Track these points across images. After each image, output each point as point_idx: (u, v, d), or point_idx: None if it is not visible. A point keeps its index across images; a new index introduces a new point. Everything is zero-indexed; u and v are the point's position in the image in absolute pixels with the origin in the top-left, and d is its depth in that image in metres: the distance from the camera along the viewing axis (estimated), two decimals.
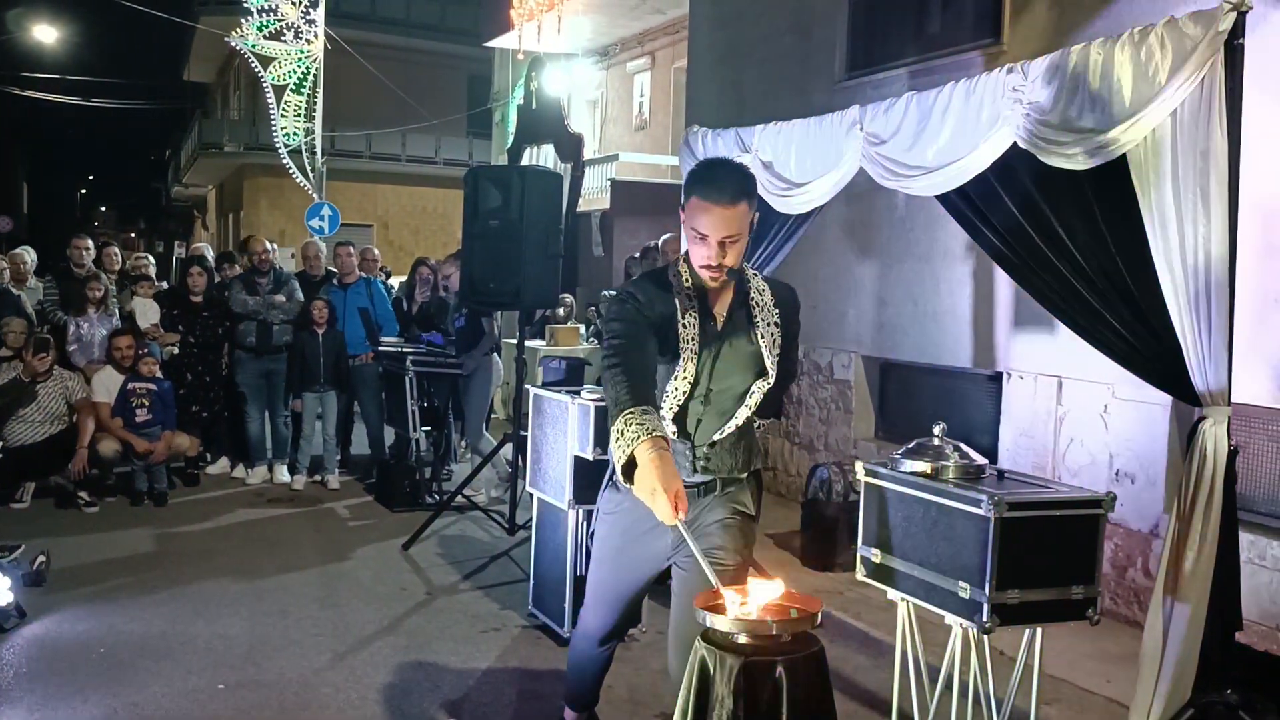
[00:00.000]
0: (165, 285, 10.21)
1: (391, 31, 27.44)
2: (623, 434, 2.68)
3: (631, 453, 2.65)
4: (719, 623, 2.52)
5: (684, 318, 3.02)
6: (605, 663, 3.60)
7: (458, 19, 28.09)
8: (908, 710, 3.71)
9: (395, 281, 11.69)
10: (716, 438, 3.11)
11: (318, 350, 8.36)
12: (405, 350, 8.29)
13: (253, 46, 18.09)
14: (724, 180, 2.92)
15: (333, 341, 8.44)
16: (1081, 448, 5.79)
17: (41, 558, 5.76)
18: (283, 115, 18.37)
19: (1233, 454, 3.40)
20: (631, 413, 2.69)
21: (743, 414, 3.11)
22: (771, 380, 3.09)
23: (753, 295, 3.10)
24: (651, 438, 2.65)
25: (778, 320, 3.10)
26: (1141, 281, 3.53)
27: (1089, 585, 3.33)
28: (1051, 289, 3.92)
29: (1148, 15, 3.77)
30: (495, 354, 8.51)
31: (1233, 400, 3.43)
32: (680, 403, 3.06)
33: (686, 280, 3.04)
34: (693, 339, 3.01)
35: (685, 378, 3.02)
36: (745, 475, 3.20)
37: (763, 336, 3.07)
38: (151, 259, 10.79)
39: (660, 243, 8.48)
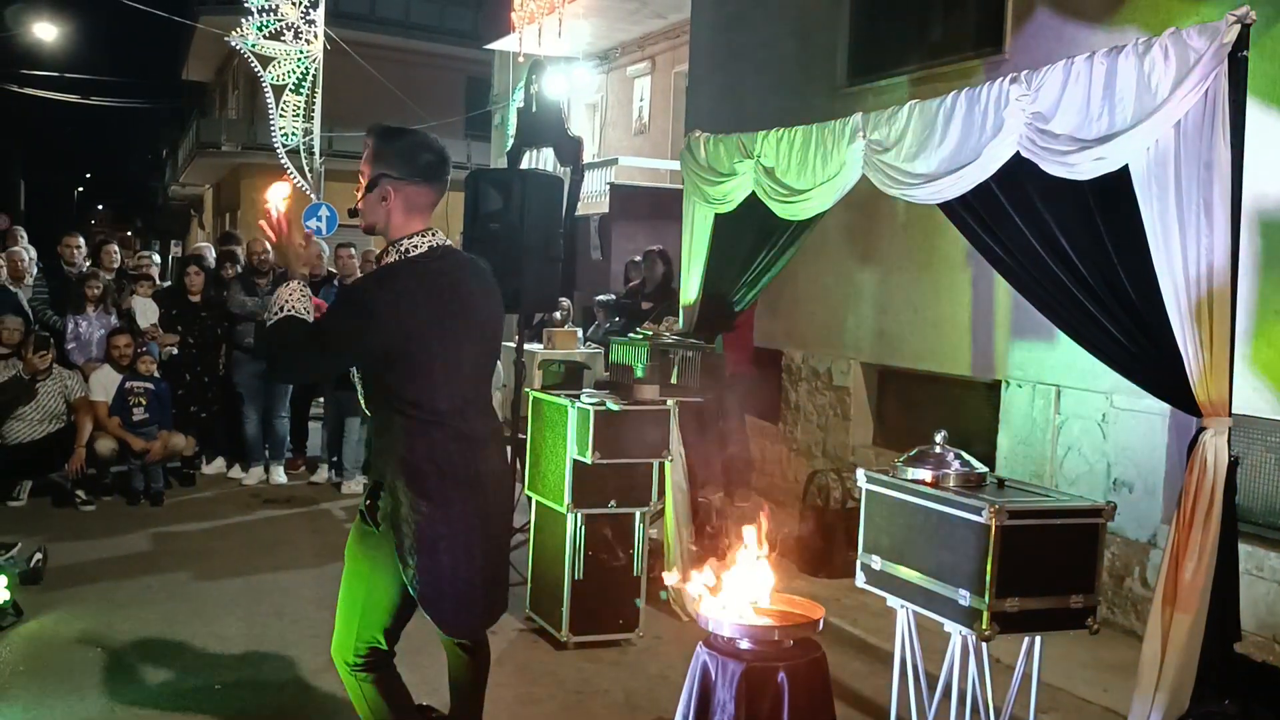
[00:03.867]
0: (166, 284, 10.19)
1: (391, 32, 27.42)
2: None
3: None
4: (723, 628, 2.53)
5: None
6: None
7: (457, 20, 28.10)
8: (906, 717, 3.71)
9: None
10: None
11: None
12: None
13: (252, 46, 18.06)
14: (373, 125, 3.07)
15: None
16: (1079, 456, 5.80)
17: (38, 555, 5.75)
18: (281, 115, 18.35)
19: (1233, 465, 3.41)
20: None
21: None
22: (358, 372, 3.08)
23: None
24: None
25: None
26: (1143, 291, 3.53)
27: (1088, 594, 3.34)
28: (1053, 298, 3.93)
29: (1151, 26, 3.78)
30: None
31: (1232, 411, 3.44)
32: None
33: None
34: None
35: None
36: (389, 491, 2.98)
37: None
38: (156, 258, 10.78)
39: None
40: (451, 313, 2.95)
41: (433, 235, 3.02)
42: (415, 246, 2.96)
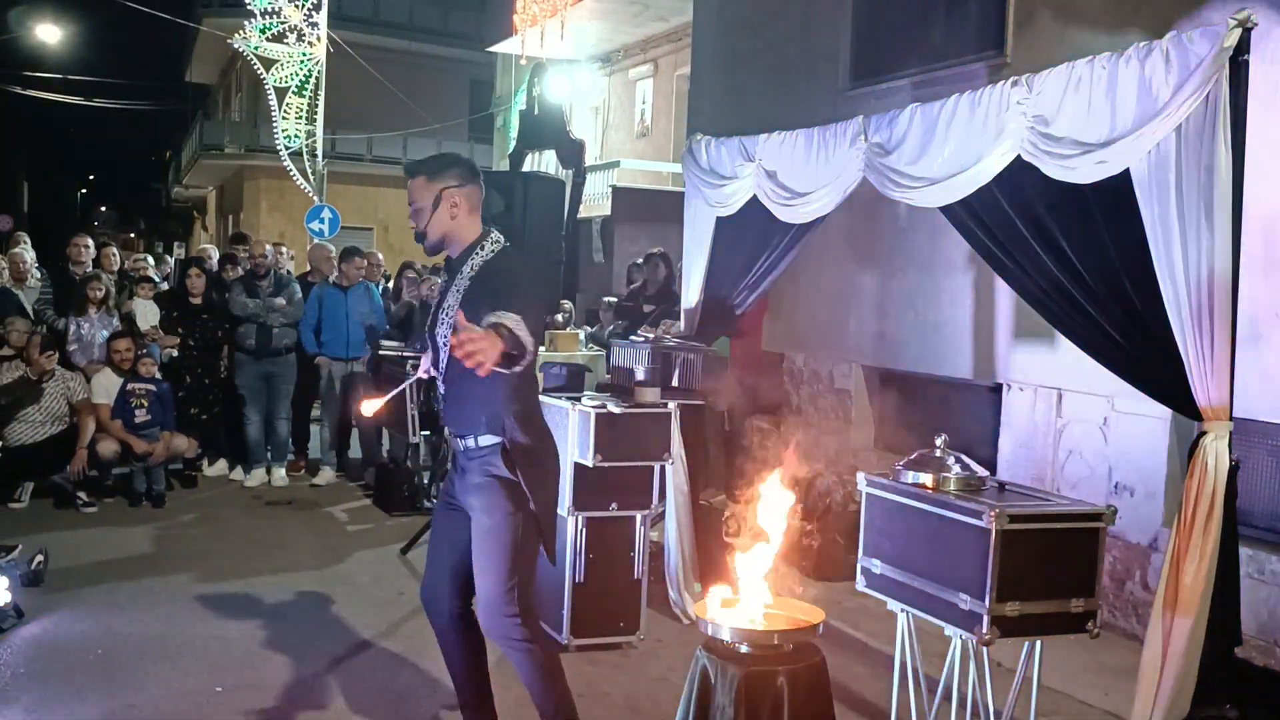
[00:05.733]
0: (165, 285, 10.20)
1: (394, 35, 27.42)
2: None
3: None
4: (723, 632, 2.53)
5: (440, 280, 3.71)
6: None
7: (460, 23, 28.09)
8: None
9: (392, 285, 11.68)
10: (441, 388, 3.62)
11: None
12: (405, 355, 8.28)
13: (255, 49, 18.07)
14: (411, 163, 3.66)
15: None
16: (1080, 460, 5.79)
17: (39, 558, 5.75)
18: (284, 117, 18.36)
19: (1234, 469, 3.41)
20: None
21: (443, 366, 3.55)
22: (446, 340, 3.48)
23: (467, 265, 3.53)
24: None
25: (465, 287, 3.48)
26: (1144, 295, 3.54)
27: (1089, 598, 3.33)
28: (1054, 301, 3.93)
29: (1153, 30, 3.79)
30: None
31: (1233, 415, 3.44)
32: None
33: None
34: (436, 294, 3.70)
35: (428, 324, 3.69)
36: (490, 443, 3.47)
37: (449, 299, 3.52)
38: (151, 260, 10.78)
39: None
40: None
41: (497, 232, 3.60)
42: (500, 240, 3.57)
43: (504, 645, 3.60)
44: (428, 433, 8.18)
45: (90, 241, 9.36)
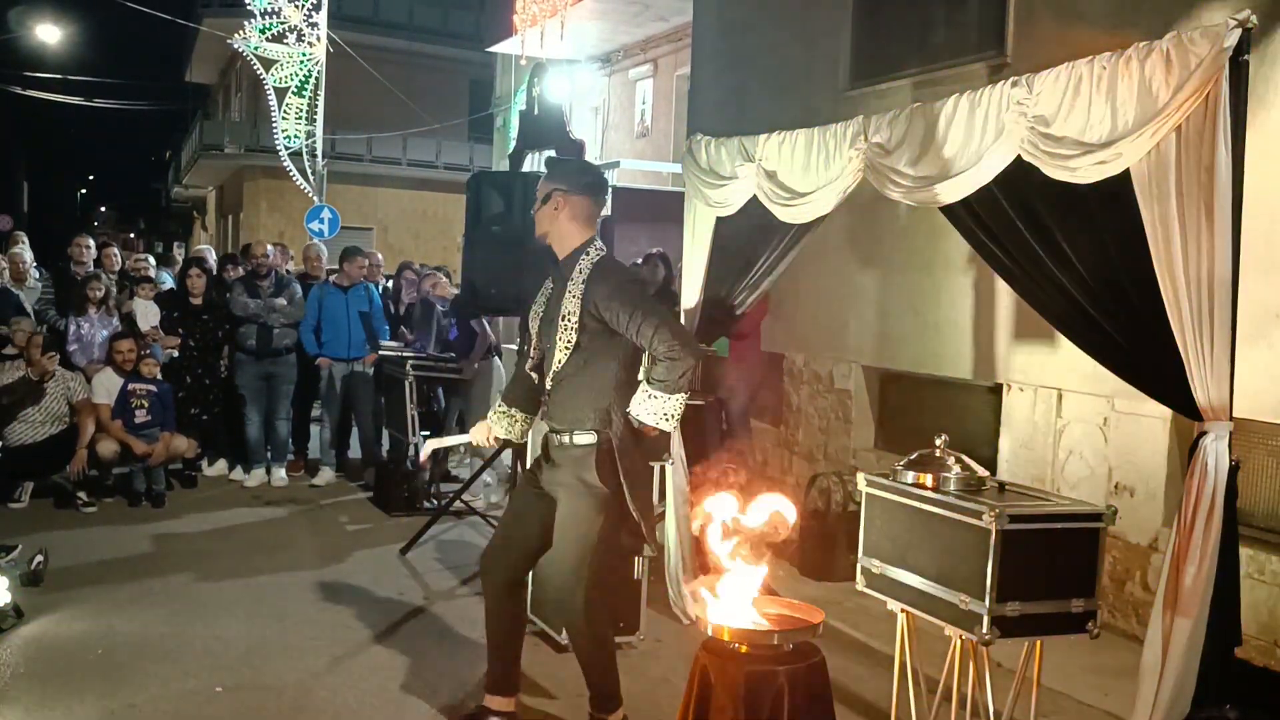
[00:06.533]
0: (166, 284, 10.20)
1: (394, 35, 27.43)
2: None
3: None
4: (723, 632, 2.53)
5: (546, 283, 3.96)
6: None
7: (460, 23, 28.11)
8: None
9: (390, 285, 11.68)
10: (549, 386, 3.82)
11: None
12: (405, 355, 8.29)
13: (255, 49, 18.07)
14: (547, 159, 3.96)
15: None
16: (1080, 460, 5.79)
17: (39, 557, 5.75)
18: (284, 118, 18.36)
19: (1234, 469, 3.41)
20: None
21: (558, 366, 3.73)
22: (569, 344, 3.69)
23: (576, 270, 3.74)
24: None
25: (580, 294, 3.69)
26: (1144, 295, 3.53)
27: (1089, 598, 3.34)
28: (1054, 301, 3.92)
29: (1153, 30, 3.78)
30: (496, 357, 8.53)
31: (1233, 415, 3.44)
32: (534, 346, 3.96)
33: None
34: (541, 298, 3.94)
35: (533, 324, 3.94)
36: (585, 443, 3.72)
37: (564, 305, 3.73)
38: (151, 260, 10.78)
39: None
40: None
41: (600, 242, 3.85)
42: (602, 248, 3.83)
43: (570, 630, 3.98)
44: (427, 433, 8.18)
45: (92, 242, 9.37)
